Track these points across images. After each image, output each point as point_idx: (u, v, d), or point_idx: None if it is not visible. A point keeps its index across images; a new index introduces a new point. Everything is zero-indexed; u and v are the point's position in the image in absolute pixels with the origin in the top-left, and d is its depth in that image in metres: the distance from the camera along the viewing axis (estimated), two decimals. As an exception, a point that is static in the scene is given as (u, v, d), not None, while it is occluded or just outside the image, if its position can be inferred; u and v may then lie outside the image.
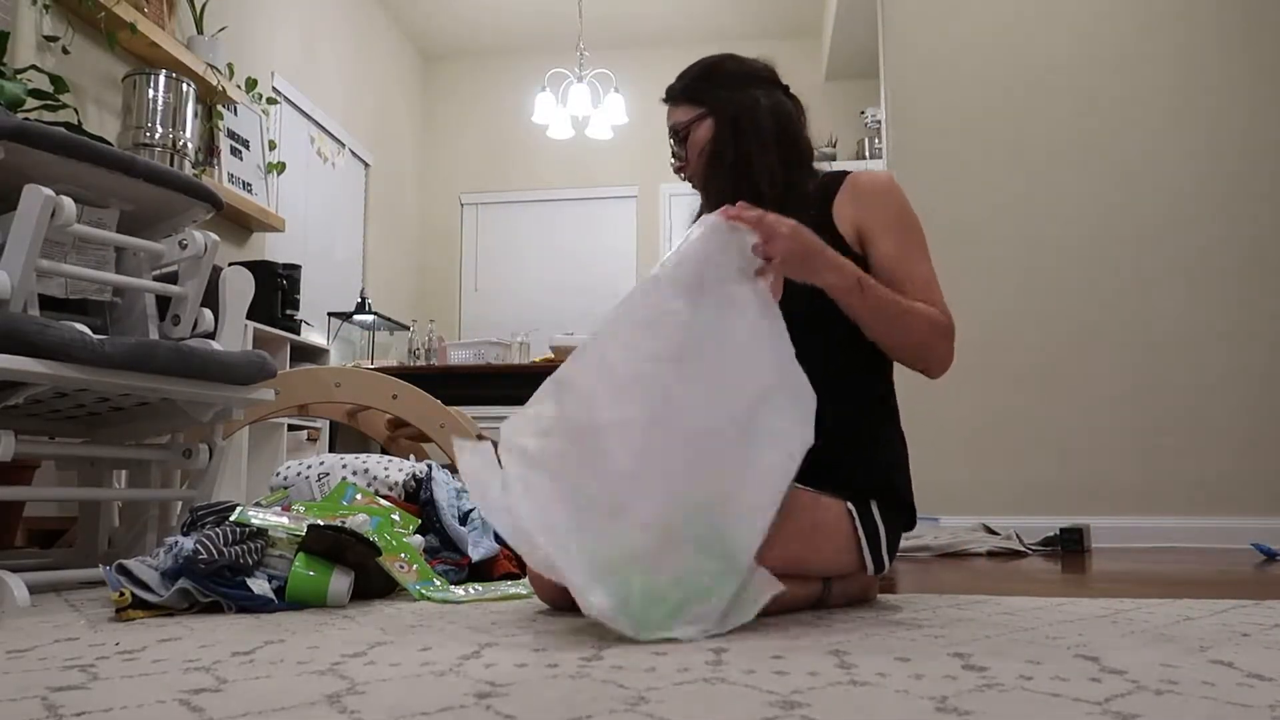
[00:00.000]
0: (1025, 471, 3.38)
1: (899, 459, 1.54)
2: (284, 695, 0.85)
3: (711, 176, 1.57)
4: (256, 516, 1.61)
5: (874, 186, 1.52)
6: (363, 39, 5.91)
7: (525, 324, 5.99)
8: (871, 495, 1.46)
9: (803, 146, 1.58)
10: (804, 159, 1.58)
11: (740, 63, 1.61)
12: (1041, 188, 3.53)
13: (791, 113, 1.58)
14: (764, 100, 1.55)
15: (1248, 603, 1.51)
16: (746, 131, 1.54)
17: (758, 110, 1.54)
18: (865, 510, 1.45)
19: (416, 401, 2.73)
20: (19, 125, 1.74)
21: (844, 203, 1.51)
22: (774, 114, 1.55)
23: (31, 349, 1.58)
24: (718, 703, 0.82)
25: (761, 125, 1.54)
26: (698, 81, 1.60)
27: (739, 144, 1.54)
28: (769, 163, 1.53)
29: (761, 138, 1.53)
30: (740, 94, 1.56)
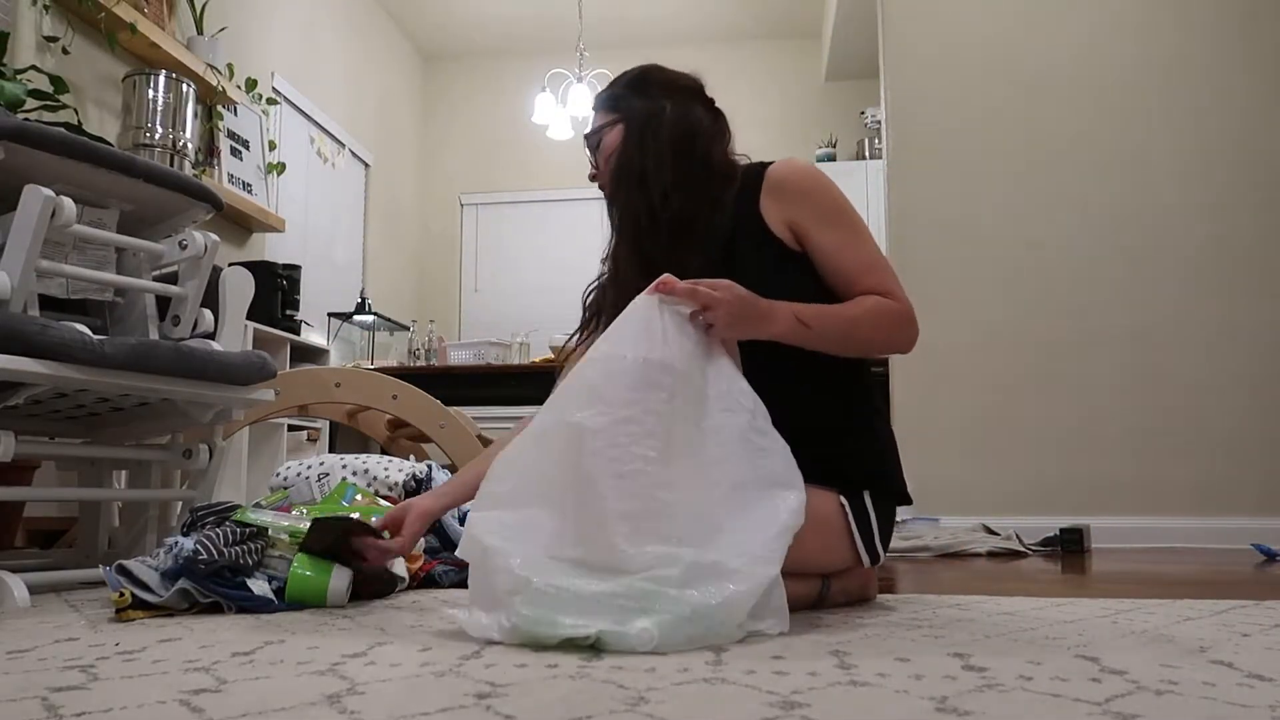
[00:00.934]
0: (1025, 471, 3.38)
1: (886, 446, 1.54)
2: (284, 695, 0.85)
3: (615, 189, 1.55)
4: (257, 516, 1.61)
5: (797, 181, 1.48)
6: (363, 39, 5.92)
7: (525, 324, 6.00)
8: (863, 486, 1.47)
9: (709, 166, 1.51)
10: (707, 180, 1.50)
11: (663, 73, 1.59)
12: (1041, 188, 3.53)
13: (699, 129, 1.52)
14: (671, 111, 1.51)
15: (1248, 603, 1.51)
16: (647, 142, 1.50)
17: (660, 121, 1.51)
18: (858, 501, 1.45)
19: (416, 402, 2.73)
20: (19, 125, 1.73)
21: (769, 201, 1.48)
22: (677, 126, 1.51)
23: (31, 349, 1.58)
24: (718, 703, 0.82)
25: (660, 136, 1.50)
26: (619, 89, 1.59)
27: (640, 156, 1.50)
28: (665, 179, 1.48)
29: (659, 150, 1.49)
30: (651, 103, 1.53)
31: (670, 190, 1.48)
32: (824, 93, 6.39)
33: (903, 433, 1.61)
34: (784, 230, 1.46)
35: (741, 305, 1.31)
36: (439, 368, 5.23)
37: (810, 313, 1.37)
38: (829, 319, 1.39)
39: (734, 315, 1.31)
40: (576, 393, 1.27)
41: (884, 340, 1.45)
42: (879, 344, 1.47)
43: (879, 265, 1.46)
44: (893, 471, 1.53)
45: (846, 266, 1.44)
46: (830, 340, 1.40)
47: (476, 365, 5.14)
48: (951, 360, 3.46)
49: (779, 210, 1.47)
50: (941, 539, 2.89)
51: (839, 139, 6.19)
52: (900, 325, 1.44)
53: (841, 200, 1.49)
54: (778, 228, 1.46)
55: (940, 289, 3.48)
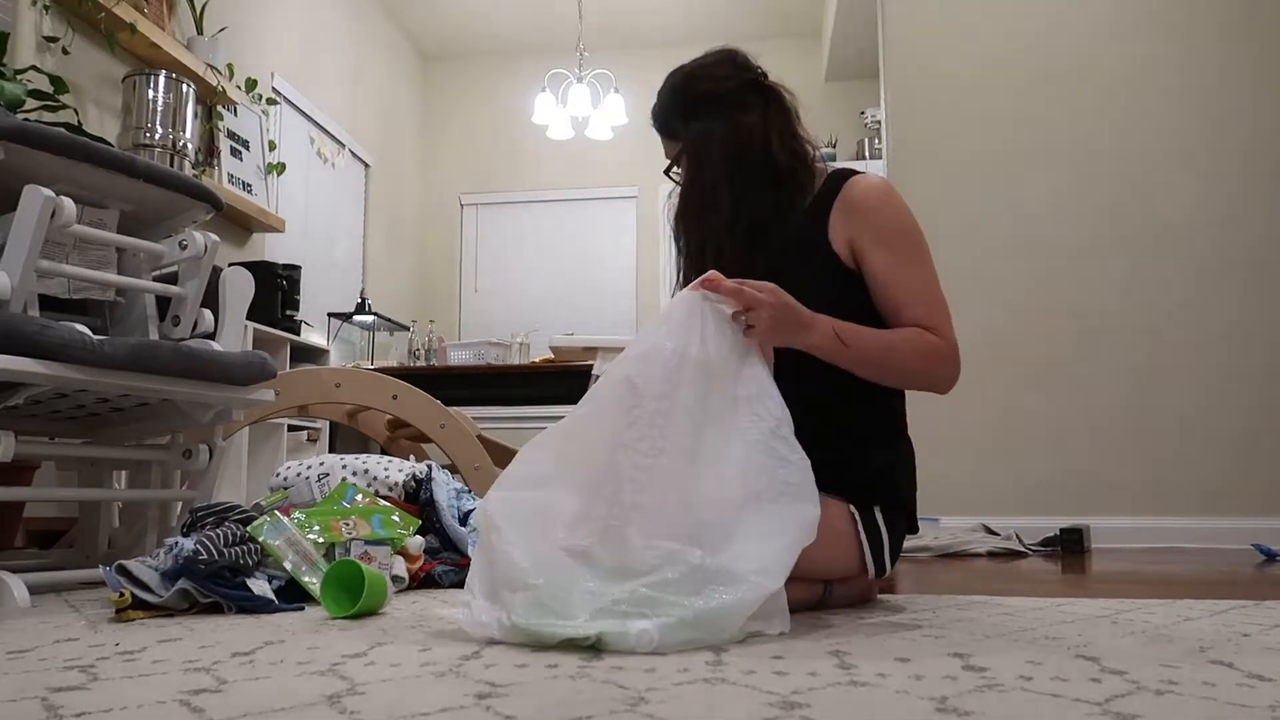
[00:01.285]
0: (1025, 472, 3.38)
1: (904, 464, 1.53)
2: (284, 696, 0.85)
3: (683, 217, 1.53)
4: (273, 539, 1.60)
5: (865, 200, 1.45)
6: (362, 39, 5.91)
7: (525, 324, 6.00)
8: (875, 500, 1.46)
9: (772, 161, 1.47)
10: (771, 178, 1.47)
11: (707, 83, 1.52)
12: (1041, 188, 3.53)
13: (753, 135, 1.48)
14: (720, 129, 1.48)
15: (1248, 603, 1.51)
16: (704, 167, 1.48)
17: (711, 143, 1.48)
18: (868, 514, 1.45)
19: (416, 402, 2.73)
20: (19, 126, 1.74)
21: (836, 215, 1.46)
22: (727, 144, 1.47)
23: (31, 349, 1.58)
24: (718, 703, 0.82)
25: (715, 158, 1.47)
26: (667, 112, 1.55)
27: (701, 182, 1.48)
28: (727, 197, 1.46)
29: (715, 173, 1.46)
30: (700, 125, 1.49)
31: (737, 204, 1.46)
32: (824, 93, 6.38)
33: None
34: (844, 247, 1.45)
35: (784, 311, 1.30)
36: (439, 368, 5.23)
37: (850, 331, 1.35)
38: (867, 340, 1.37)
39: (775, 321, 1.29)
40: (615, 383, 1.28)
41: (920, 373, 1.42)
42: (914, 376, 1.44)
43: (932, 298, 1.43)
44: (907, 490, 1.52)
45: (897, 292, 1.42)
46: (865, 362, 1.38)
47: (476, 365, 5.14)
48: (951, 360, 3.45)
49: (843, 227, 1.45)
50: (941, 539, 2.90)
51: (839, 139, 6.19)
52: (940, 362, 1.41)
53: (908, 224, 1.46)
54: (838, 244, 1.45)
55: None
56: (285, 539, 1.62)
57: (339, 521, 1.73)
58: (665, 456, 1.21)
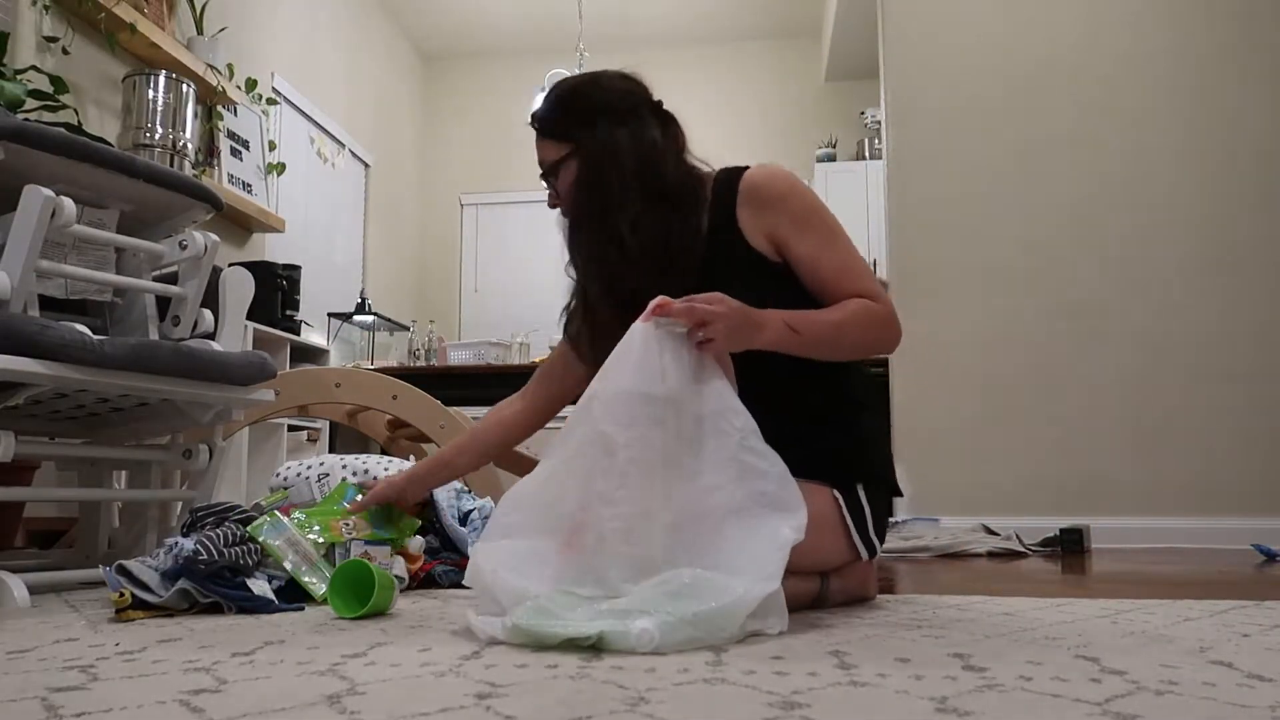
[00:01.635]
0: (1025, 472, 3.38)
1: (875, 436, 1.55)
2: (284, 696, 0.85)
3: (576, 227, 1.52)
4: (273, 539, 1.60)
5: (769, 189, 1.46)
6: (362, 39, 5.92)
7: (525, 324, 6.00)
8: (855, 478, 1.47)
9: (675, 182, 1.48)
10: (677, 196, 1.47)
11: (602, 92, 1.51)
12: (1041, 188, 3.53)
13: (657, 148, 1.48)
14: (625, 138, 1.47)
15: (1248, 603, 1.51)
16: (609, 177, 1.46)
17: (618, 151, 1.46)
18: (851, 495, 1.45)
19: (416, 402, 2.73)
20: (19, 126, 1.74)
21: (746, 212, 1.46)
22: (633, 155, 1.46)
23: (31, 349, 1.58)
24: (718, 704, 0.82)
25: (623, 168, 1.45)
26: (560, 114, 1.53)
27: (602, 192, 1.47)
28: (631, 207, 1.45)
29: (624, 181, 1.45)
30: (602, 134, 1.47)
31: (637, 220, 1.45)
32: (824, 93, 6.39)
33: (903, 433, 1.61)
34: (762, 241, 1.46)
35: (737, 316, 1.31)
36: (439, 368, 5.23)
37: (799, 319, 1.37)
38: (817, 325, 1.39)
39: (731, 327, 1.30)
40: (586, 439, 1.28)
41: (870, 342, 1.45)
42: (865, 346, 1.46)
43: (858, 269, 1.46)
44: (883, 463, 1.54)
45: (826, 272, 1.44)
46: (819, 345, 1.40)
47: (476, 365, 5.14)
48: (951, 360, 3.46)
49: (756, 220, 1.46)
50: (941, 539, 2.89)
51: (839, 139, 6.19)
52: (884, 326, 1.44)
53: (817, 204, 1.48)
54: (755, 239, 1.46)
55: (940, 288, 3.48)
56: (285, 539, 1.62)
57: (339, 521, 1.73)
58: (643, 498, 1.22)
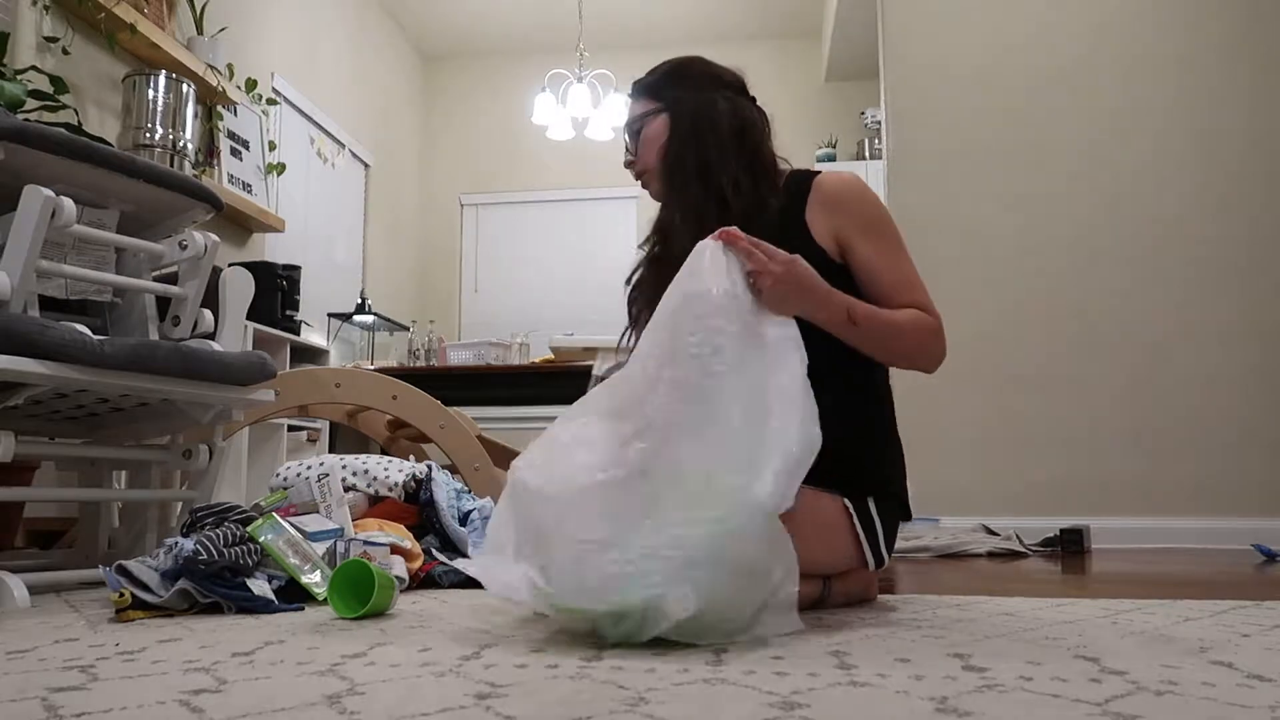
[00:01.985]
0: (1025, 472, 3.38)
1: (895, 455, 1.55)
2: (284, 696, 0.85)
3: (672, 181, 1.53)
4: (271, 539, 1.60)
5: (844, 193, 1.49)
6: (363, 39, 5.91)
7: (525, 324, 6.00)
8: (868, 492, 1.47)
9: (765, 157, 1.53)
10: (767, 171, 1.53)
11: (708, 66, 1.58)
12: (1041, 188, 3.53)
13: (755, 121, 1.54)
14: (723, 104, 1.51)
15: (1248, 603, 1.51)
16: (705, 134, 1.49)
17: (716, 112, 1.50)
18: (862, 506, 1.45)
19: (416, 402, 2.73)
20: (19, 126, 1.74)
21: (815, 211, 1.49)
22: (734, 118, 1.51)
23: (31, 350, 1.58)
24: (718, 704, 0.82)
25: (719, 128, 1.49)
26: (660, 77, 1.57)
27: (698, 147, 1.49)
28: (731, 169, 1.48)
29: (721, 141, 1.49)
30: (700, 95, 1.52)
31: (739, 179, 1.48)
32: (824, 93, 6.38)
33: (903, 433, 1.61)
34: (829, 241, 1.48)
35: (796, 281, 1.31)
36: (439, 368, 5.23)
37: (861, 310, 1.39)
38: (877, 319, 1.41)
39: (783, 289, 1.30)
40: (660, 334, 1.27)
41: (919, 353, 1.48)
42: (912, 355, 1.49)
43: (916, 282, 1.49)
44: (898, 480, 1.54)
45: (886, 279, 1.46)
46: (872, 341, 1.42)
47: (476, 365, 5.14)
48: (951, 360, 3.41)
49: (826, 221, 1.48)
50: (942, 539, 2.89)
51: (839, 139, 6.19)
52: (934, 338, 1.47)
53: (885, 214, 1.52)
54: (823, 238, 1.48)
55: (940, 289, 3.44)
56: (285, 539, 1.62)
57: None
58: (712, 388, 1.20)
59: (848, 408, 1.48)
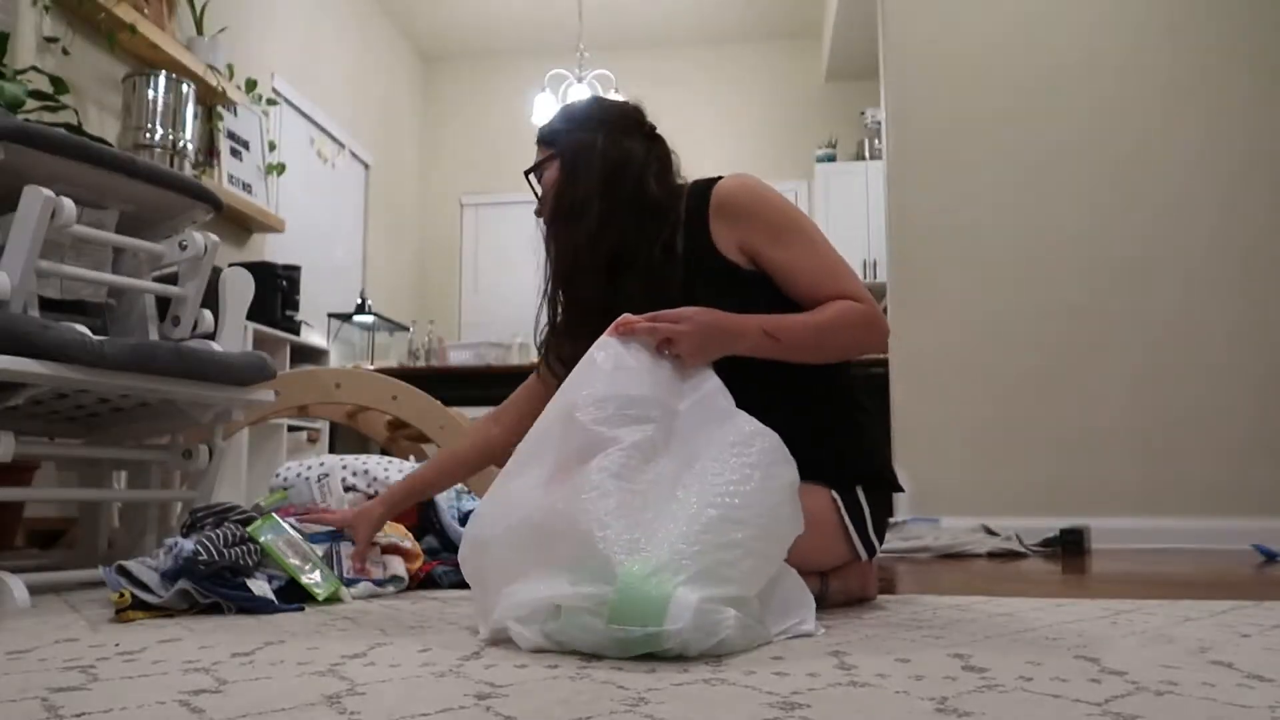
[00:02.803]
0: (1025, 472, 3.38)
1: (869, 435, 1.55)
2: (284, 696, 0.85)
3: (550, 224, 1.54)
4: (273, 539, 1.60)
5: (740, 201, 1.46)
6: (363, 40, 5.92)
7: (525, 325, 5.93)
8: (853, 480, 1.47)
9: (645, 193, 1.49)
10: (651, 204, 1.48)
11: (599, 105, 1.58)
12: (1042, 188, 3.53)
13: (632, 157, 1.50)
14: (601, 143, 1.49)
15: (1248, 604, 1.51)
16: (580, 175, 1.49)
17: (592, 153, 1.49)
18: (850, 495, 1.46)
19: (416, 402, 2.73)
20: (19, 126, 1.74)
21: (717, 225, 1.47)
22: (606, 157, 1.49)
23: (31, 350, 1.58)
24: (718, 704, 0.81)
25: (593, 169, 1.48)
26: (554, 123, 1.58)
27: (573, 190, 1.49)
28: (595, 211, 1.46)
29: (590, 182, 1.48)
30: (582, 136, 1.51)
31: (604, 223, 1.46)
32: (824, 93, 6.38)
33: (903, 433, 1.62)
34: (736, 253, 1.46)
35: (705, 330, 1.32)
36: (439, 368, 5.23)
37: (778, 325, 1.38)
38: (797, 329, 1.39)
39: (699, 342, 1.31)
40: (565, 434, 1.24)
41: (853, 344, 1.45)
42: (849, 348, 1.47)
43: (837, 271, 1.45)
44: (881, 462, 1.54)
45: (805, 279, 1.44)
46: (801, 350, 1.41)
47: (476, 366, 5.14)
48: (952, 361, 3.46)
49: (728, 233, 1.46)
50: (942, 540, 2.89)
51: (839, 139, 6.19)
52: (867, 326, 1.43)
53: (789, 212, 1.48)
54: (730, 251, 1.46)
55: (940, 290, 3.48)
56: (284, 539, 1.62)
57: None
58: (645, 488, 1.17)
59: (822, 400, 1.49)
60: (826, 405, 1.50)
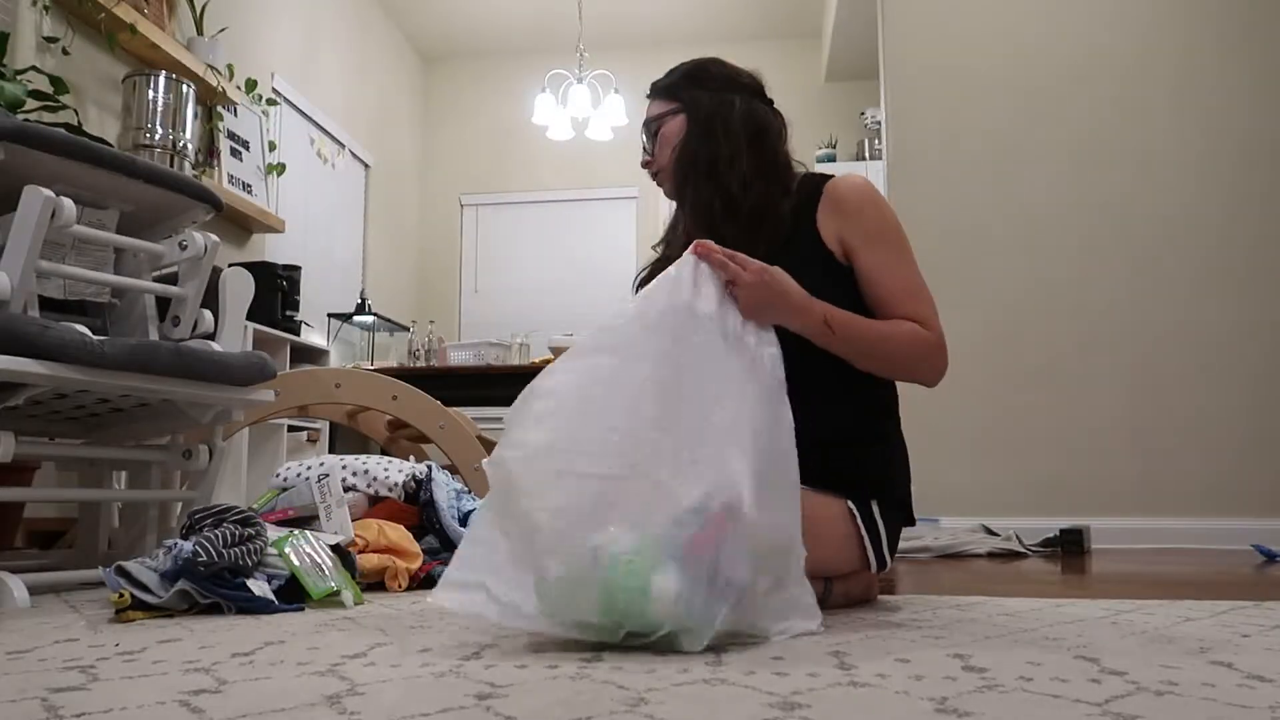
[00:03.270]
0: (1025, 472, 3.38)
1: (899, 460, 1.56)
2: (284, 696, 0.85)
3: (684, 179, 1.54)
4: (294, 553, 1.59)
5: (852, 197, 1.49)
6: (363, 40, 5.91)
7: (525, 325, 5.99)
8: (871, 495, 1.47)
9: (779, 160, 1.54)
10: (780, 173, 1.53)
11: (725, 67, 1.58)
12: (1041, 189, 3.53)
13: (769, 123, 1.54)
14: (740, 105, 1.52)
15: (1248, 604, 1.51)
16: (718, 134, 1.50)
17: (731, 113, 1.51)
18: (865, 509, 1.46)
19: (416, 402, 2.73)
20: (19, 126, 1.74)
21: (825, 214, 1.49)
22: (748, 119, 1.51)
23: (31, 350, 1.58)
24: (718, 704, 0.81)
25: (733, 129, 1.50)
26: (678, 79, 1.58)
27: (711, 146, 1.50)
28: (741, 169, 1.48)
29: (733, 142, 1.49)
30: (717, 96, 1.53)
31: (750, 179, 1.48)
32: (824, 93, 6.38)
33: (904, 433, 1.61)
34: (835, 244, 1.48)
35: (769, 291, 1.31)
36: (439, 368, 5.23)
37: (841, 319, 1.38)
38: (858, 329, 1.40)
39: (757, 299, 1.31)
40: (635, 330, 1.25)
41: (909, 365, 1.47)
42: (903, 367, 1.48)
43: (920, 293, 1.48)
44: (902, 486, 1.54)
45: (888, 288, 1.46)
46: (853, 349, 1.41)
47: (476, 366, 5.14)
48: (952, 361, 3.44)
49: (834, 224, 1.48)
50: (942, 540, 2.89)
51: (839, 139, 6.19)
52: (929, 354, 1.45)
53: (893, 222, 1.51)
54: (830, 241, 1.48)
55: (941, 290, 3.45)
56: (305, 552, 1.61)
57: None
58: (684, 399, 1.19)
59: (851, 412, 1.48)
60: (864, 421, 1.51)
